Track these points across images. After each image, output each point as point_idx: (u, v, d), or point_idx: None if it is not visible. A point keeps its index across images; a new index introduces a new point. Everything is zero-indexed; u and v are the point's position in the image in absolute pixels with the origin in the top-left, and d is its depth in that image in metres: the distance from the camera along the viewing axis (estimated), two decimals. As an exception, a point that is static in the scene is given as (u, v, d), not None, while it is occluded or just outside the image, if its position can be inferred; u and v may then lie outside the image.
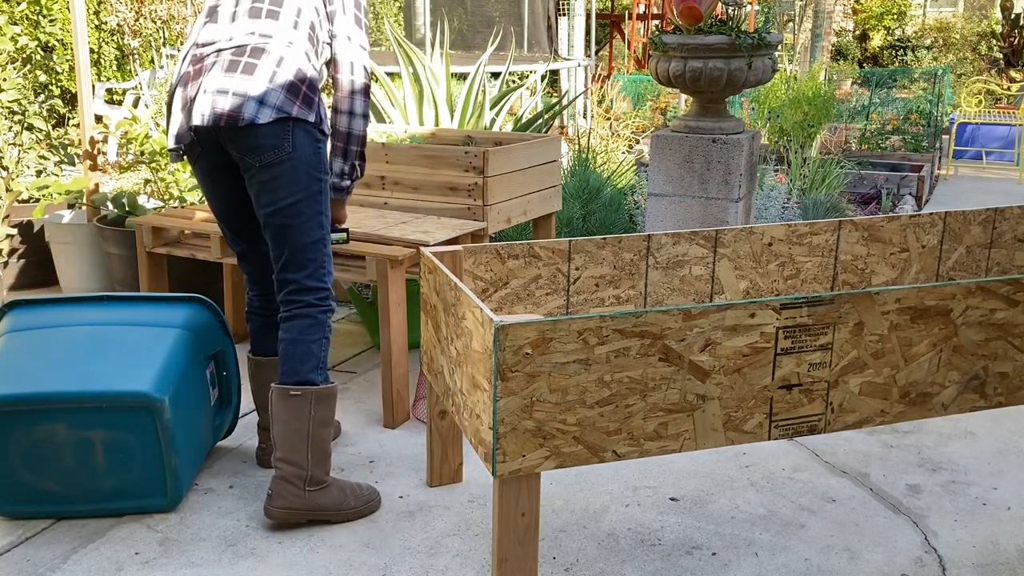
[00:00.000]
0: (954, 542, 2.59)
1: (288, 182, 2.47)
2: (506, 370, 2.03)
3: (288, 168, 2.45)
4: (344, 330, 4.26)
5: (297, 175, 2.47)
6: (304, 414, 2.53)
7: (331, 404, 2.60)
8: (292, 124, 2.43)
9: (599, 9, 12.71)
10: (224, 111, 2.41)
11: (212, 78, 2.44)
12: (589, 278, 2.91)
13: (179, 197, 4.50)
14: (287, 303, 2.57)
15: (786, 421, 2.30)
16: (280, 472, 2.54)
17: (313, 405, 2.54)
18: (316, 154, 2.49)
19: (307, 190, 2.49)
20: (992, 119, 9.65)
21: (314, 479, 2.55)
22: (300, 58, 2.47)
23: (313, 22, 2.52)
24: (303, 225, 2.51)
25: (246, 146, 2.45)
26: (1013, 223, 3.38)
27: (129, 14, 7.14)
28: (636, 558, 2.49)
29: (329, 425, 2.60)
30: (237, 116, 2.40)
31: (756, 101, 7.89)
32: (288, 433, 2.54)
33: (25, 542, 2.54)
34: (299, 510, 2.55)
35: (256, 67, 2.43)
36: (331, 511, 2.57)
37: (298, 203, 2.49)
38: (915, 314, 2.31)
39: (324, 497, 2.57)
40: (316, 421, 2.54)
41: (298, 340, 2.55)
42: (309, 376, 2.55)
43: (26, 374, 2.58)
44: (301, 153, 2.45)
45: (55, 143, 5.94)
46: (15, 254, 4.69)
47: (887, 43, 18.04)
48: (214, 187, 2.66)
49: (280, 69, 2.43)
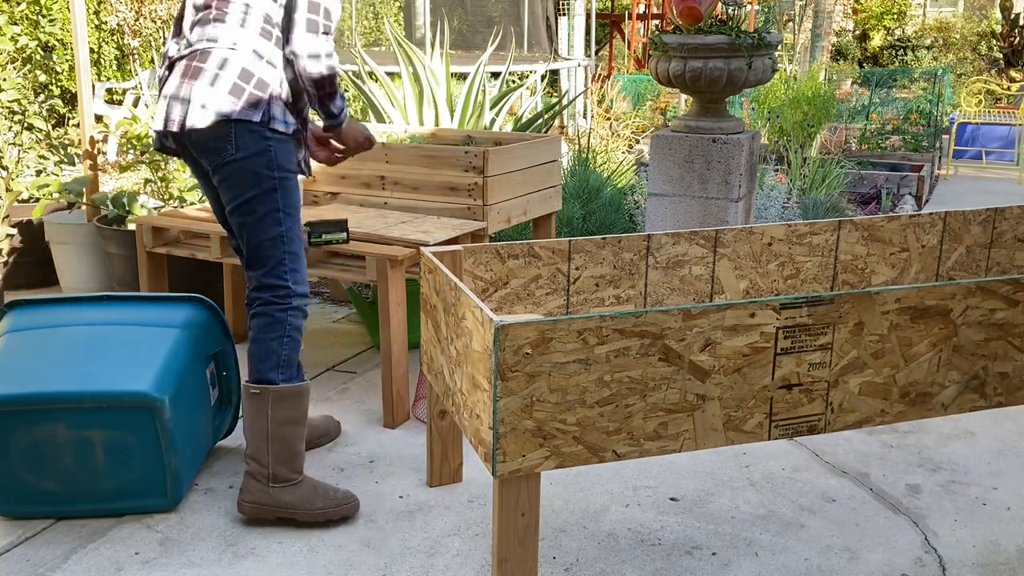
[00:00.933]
0: (954, 542, 2.59)
1: (237, 183, 2.52)
2: (506, 370, 2.03)
3: (235, 169, 2.50)
4: (344, 330, 4.26)
5: (244, 176, 2.50)
6: (263, 412, 2.57)
7: (296, 402, 2.61)
8: (234, 125, 2.47)
9: (599, 9, 12.71)
10: (174, 117, 2.50)
11: (168, 85, 2.55)
12: (589, 278, 2.91)
13: (179, 197, 4.50)
14: (250, 301, 2.62)
15: (786, 421, 2.30)
16: (247, 468, 2.62)
17: (272, 404, 2.57)
18: (265, 153, 2.51)
19: (258, 187, 2.52)
20: (992, 119, 9.66)
21: (277, 476, 2.58)
22: (246, 58, 2.48)
23: (268, 14, 2.51)
24: (257, 223, 2.54)
25: (198, 149, 2.53)
26: (1013, 223, 3.38)
27: (129, 14, 7.15)
28: (636, 558, 2.49)
29: (296, 423, 2.61)
30: (182, 121, 2.48)
31: (756, 101, 7.89)
32: (251, 431, 2.60)
33: (25, 542, 2.54)
34: (265, 505, 2.59)
35: (201, 71, 2.48)
36: (298, 509, 2.59)
37: (249, 201, 2.53)
38: (915, 314, 2.31)
39: (290, 495, 2.59)
40: (276, 420, 2.57)
41: (258, 339, 2.59)
42: (268, 375, 2.58)
43: (26, 374, 2.58)
44: (247, 153, 2.49)
45: (55, 143, 5.94)
46: (15, 254, 4.69)
47: (887, 43, 18.04)
48: (202, 186, 2.74)
49: (222, 72, 2.47)
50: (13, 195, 4.46)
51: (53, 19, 7.06)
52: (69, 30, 6.46)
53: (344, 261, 3.41)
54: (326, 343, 4.07)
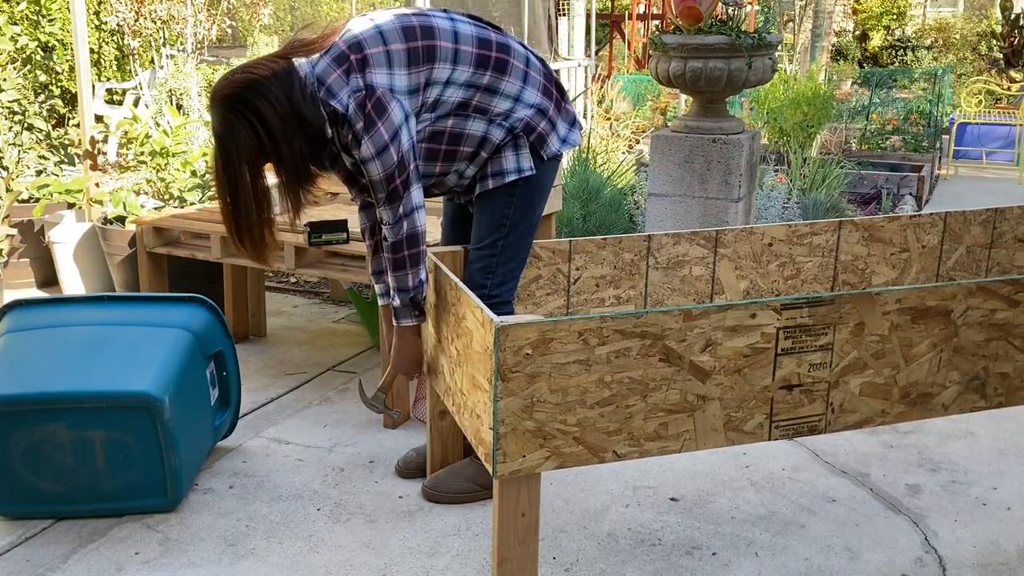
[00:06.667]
0: (954, 542, 2.59)
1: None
2: (506, 370, 2.03)
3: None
4: (344, 330, 4.26)
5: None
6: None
7: None
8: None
9: (599, 9, 12.71)
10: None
11: None
12: (589, 278, 2.91)
13: (179, 197, 4.50)
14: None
15: (786, 421, 2.30)
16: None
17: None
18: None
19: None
20: (992, 119, 9.65)
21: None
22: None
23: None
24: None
25: None
26: (1013, 223, 3.38)
27: (129, 14, 7.14)
28: (636, 558, 2.49)
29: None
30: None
31: (756, 101, 7.89)
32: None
33: (25, 542, 2.54)
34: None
35: None
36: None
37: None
38: (916, 314, 2.31)
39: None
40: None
41: None
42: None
43: (26, 374, 2.58)
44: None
45: (55, 143, 5.94)
46: (15, 254, 4.69)
47: (887, 43, 18.02)
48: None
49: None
50: (13, 195, 4.46)
51: (53, 19, 7.05)
52: (69, 30, 6.46)
53: (344, 261, 3.41)
54: (326, 343, 4.07)
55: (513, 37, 2.59)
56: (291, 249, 3.37)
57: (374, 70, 2.32)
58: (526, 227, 2.61)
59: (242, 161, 2.28)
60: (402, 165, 2.36)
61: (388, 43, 2.36)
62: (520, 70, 2.51)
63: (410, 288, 2.48)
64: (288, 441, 3.14)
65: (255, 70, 2.30)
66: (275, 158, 2.32)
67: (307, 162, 2.39)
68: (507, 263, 2.61)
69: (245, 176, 2.30)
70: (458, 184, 2.59)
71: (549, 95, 2.56)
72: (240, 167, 2.29)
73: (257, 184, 2.32)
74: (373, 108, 2.31)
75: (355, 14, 3.16)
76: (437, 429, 2.77)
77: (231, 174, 2.30)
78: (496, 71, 2.47)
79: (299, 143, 2.32)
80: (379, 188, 2.38)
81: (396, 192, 2.38)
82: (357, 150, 2.35)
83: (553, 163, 2.62)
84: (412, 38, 2.38)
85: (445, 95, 2.43)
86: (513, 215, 2.57)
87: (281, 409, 3.40)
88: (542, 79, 2.56)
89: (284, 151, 2.30)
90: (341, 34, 2.38)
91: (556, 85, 2.61)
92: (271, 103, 2.26)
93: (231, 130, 2.27)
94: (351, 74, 2.31)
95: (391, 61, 2.35)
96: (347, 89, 2.31)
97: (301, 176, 2.38)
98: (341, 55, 2.33)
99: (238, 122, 2.26)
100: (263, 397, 3.49)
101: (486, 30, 2.52)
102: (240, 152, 2.27)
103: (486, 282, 2.59)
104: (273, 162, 2.33)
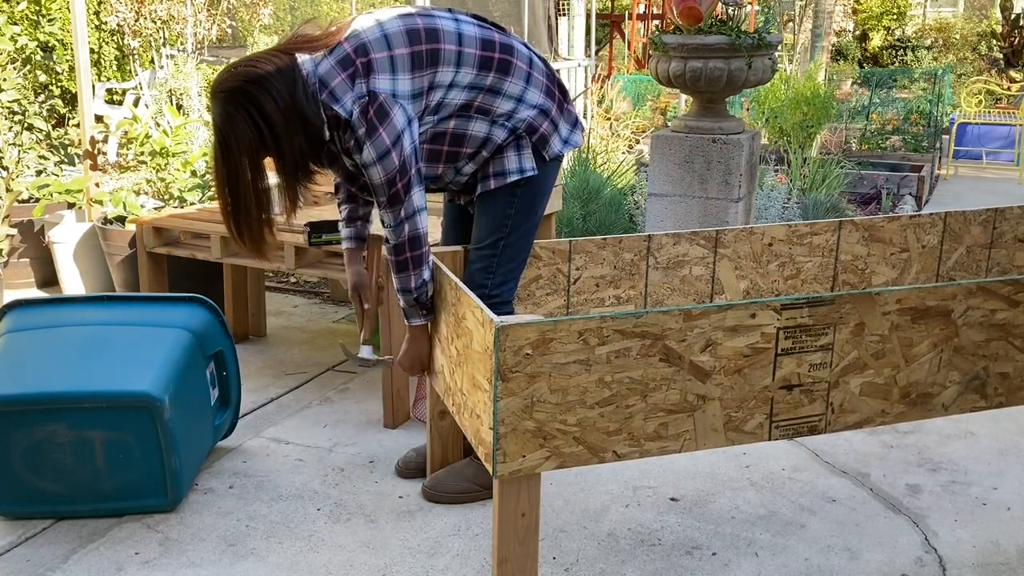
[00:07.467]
0: (954, 542, 2.59)
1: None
2: (506, 370, 2.03)
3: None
4: (344, 330, 4.26)
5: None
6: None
7: None
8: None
9: (599, 9, 12.71)
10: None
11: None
12: (589, 278, 2.91)
13: (179, 197, 4.50)
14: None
15: (786, 421, 2.30)
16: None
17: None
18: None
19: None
20: (992, 119, 9.65)
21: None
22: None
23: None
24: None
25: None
26: (1013, 223, 3.38)
27: (129, 14, 7.14)
28: (636, 558, 2.49)
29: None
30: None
31: (756, 101, 7.89)
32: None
33: (25, 542, 2.54)
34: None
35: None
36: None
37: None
38: (916, 314, 2.31)
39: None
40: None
41: None
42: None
43: (26, 374, 2.58)
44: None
45: (55, 143, 5.94)
46: (15, 254, 4.69)
47: (887, 43, 18.02)
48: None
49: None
50: (13, 195, 4.46)
51: (53, 19, 7.06)
52: (69, 30, 6.46)
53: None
54: (326, 343, 4.07)
55: (516, 37, 2.58)
56: (291, 249, 3.37)
57: (378, 75, 2.32)
58: (527, 227, 2.61)
59: (242, 154, 2.26)
60: (404, 169, 2.35)
61: (392, 47, 2.35)
62: (523, 71, 2.51)
63: (413, 289, 2.48)
64: (288, 441, 3.14)
65: (258, 64, 2.28)
66: (275, 152, 2.30)
67: (307, 159, 2.38)
68: (508, 263, 2.61)
69: (245, 170, 2.28)
70: (455, 180, 2.59)
71: (552, 96, 2.56)
72: (240, 160, 2.27)
73: (257, 179, 2.31)
74: (375, 114, 2.30)
75: (355, 13, 3.14)
76: (437, 429, 2.77)
77: (231, 167, 2.28)
78: (499, 72, 2.47)
79: (299, 139, 2.32)
80: (381, 192, 2.38)
81: (397, 196, 2.37)
82: (359, 155, 2.34)
83: (555, 164, 2.62)
84: (416, 42, 2.38)
85: (448, 98, 2.43)
86: (515, 215, 2.57)
87: (281, 409, 3.40)
88: (545, 80, 2.56)
89: (284, 146, 2.29)
90: (346, 35, 2.37)
91: (559, 86, 2.60)
92: (273, 97, 2.25)
93: (231, 123, 2.25)
94: (356, 79, 2.31)
95: (395, 66, 2.34)
96: (351, 95, 2.30)
97: (300, 172, 2.38)
98: (346, 58, 2.32)
99: (239, 115, 2.24)
100: (263, 397, 3.50)
101: (490, 31, 2.52)
102: (240, 145, 2.25)
103: (486, 282, 2.59)
104: (273, 156, 2.32)
